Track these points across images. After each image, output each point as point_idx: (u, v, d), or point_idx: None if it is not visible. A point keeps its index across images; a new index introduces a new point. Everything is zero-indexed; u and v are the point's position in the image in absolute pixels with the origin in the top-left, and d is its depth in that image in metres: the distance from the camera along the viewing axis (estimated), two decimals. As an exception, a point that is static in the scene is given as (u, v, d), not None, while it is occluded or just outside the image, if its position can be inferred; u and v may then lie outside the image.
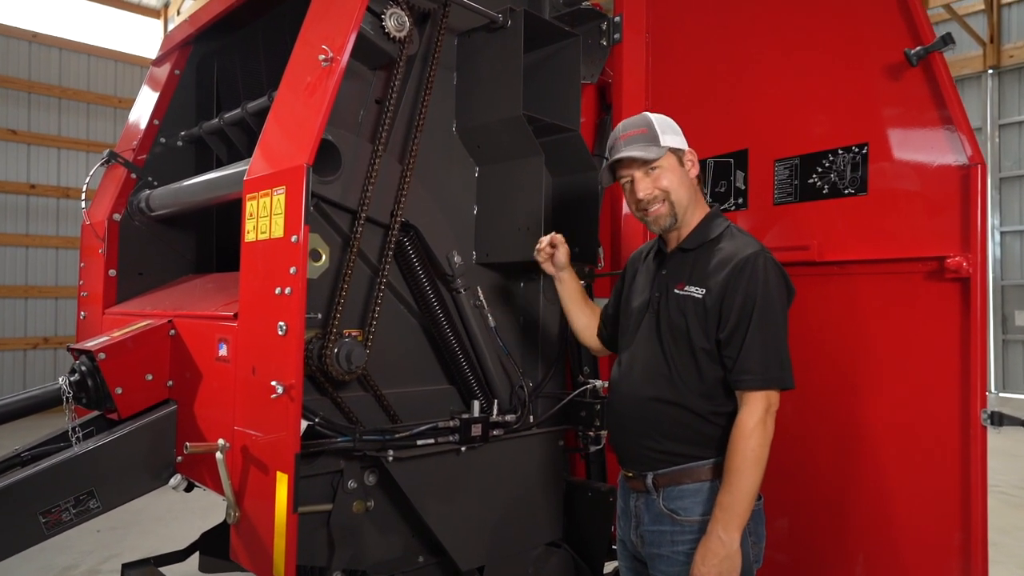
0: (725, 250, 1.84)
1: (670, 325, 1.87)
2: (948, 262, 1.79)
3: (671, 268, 1.94)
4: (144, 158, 2.97)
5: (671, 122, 1.95)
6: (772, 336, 1.75)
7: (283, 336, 1.76)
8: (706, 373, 1.82)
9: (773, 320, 1.75)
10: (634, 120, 1.96)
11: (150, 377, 2.25)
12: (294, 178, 1.77)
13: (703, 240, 1.90)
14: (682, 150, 1.93)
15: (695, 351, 1.82)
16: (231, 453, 1.93)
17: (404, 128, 2.26)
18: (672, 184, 1.89)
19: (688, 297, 1.84)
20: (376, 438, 2.04)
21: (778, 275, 1.80)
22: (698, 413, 1.82)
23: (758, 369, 1.73)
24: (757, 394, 1.73)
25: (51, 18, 9.84)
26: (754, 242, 1.85)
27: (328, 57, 1.84)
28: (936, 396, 1.89)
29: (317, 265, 1.86)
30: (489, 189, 2.52)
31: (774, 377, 1.74)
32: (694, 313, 1.82)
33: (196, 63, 3.12)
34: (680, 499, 1.83)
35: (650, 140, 1.89)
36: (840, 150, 2.08)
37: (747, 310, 1.75)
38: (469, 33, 2.46)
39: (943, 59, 1.82)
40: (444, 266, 2.33)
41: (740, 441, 1.72)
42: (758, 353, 1.73)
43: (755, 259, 1.78)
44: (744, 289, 1.76)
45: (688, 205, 1.91)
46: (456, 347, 2.35)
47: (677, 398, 1.83)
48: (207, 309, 2.20)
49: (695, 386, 1.82)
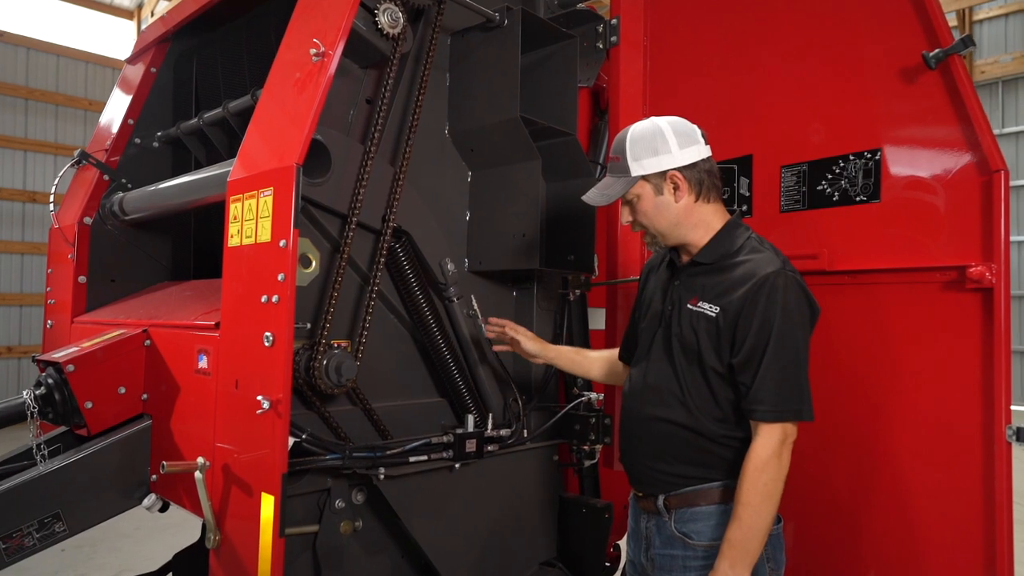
0: (744, 266, 1.71)
1: (682, 342, 1.77)
2: (970, 271, 1.73)
3: (684, 281, 1.83)
4: (117, 159, 2.83)
5: (648, 140, 1.76)
6: (790, 364, 1.63)
7: (270, 348, 1.65)
8: (719, 395, 1.72)
9: (792, 346, 1.64)
10: (617, 140, 1.83)
11: (123, 390, 2.11)
12: (283, 179, 1.66)
13: (721, 254, 1.77)
14: (661, 174, 1.76)
15: (707, 371, 1.72)
16: (211, 472, 1.80)
17: (396, 129, 2.17)
18: (646, 216, 1.79)
19: (701, 314, 1.73)
20: (367, 455, 1.93)
21: (800, 296, 1.67)
22: (710, 437, 1.72)
23: (773, 400, 1.62)
24: (773, 425, 1.63)
25: (18, 16, 9.56)
26: (776, 257, 1.71)
27: (320, 51, 1.74)
28: (956, 411, 1.82)
29: (307, 272, 1.75)
30: (483, 195, 2.43)
31: (791, 409, 1.63)
32: (706, 332, 1.71)
33: (174, 61, 2.99)
34: (693, 522, 1.74)
35: (621, 170, 1.78)
36: (851, 156, 2.01)
37: (764, 335, 1.63)
38: (463, 33, 2.38)
39: (962, 62, 1.77)
40: (437, 274, 2.23)
41: (753, 474, 1.62)
42: (774, 382, 1.62)
43: (775, 279, 1.65)
44: (762, 312, 1.64)
45: (672, 231, 1.79)
46: (449, 359, 2.25)
47: (689, 421, 1.74)
48: (186, 318, 2.07)
49: (708, 408, 1.72)
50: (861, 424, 2.05)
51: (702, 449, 1.73)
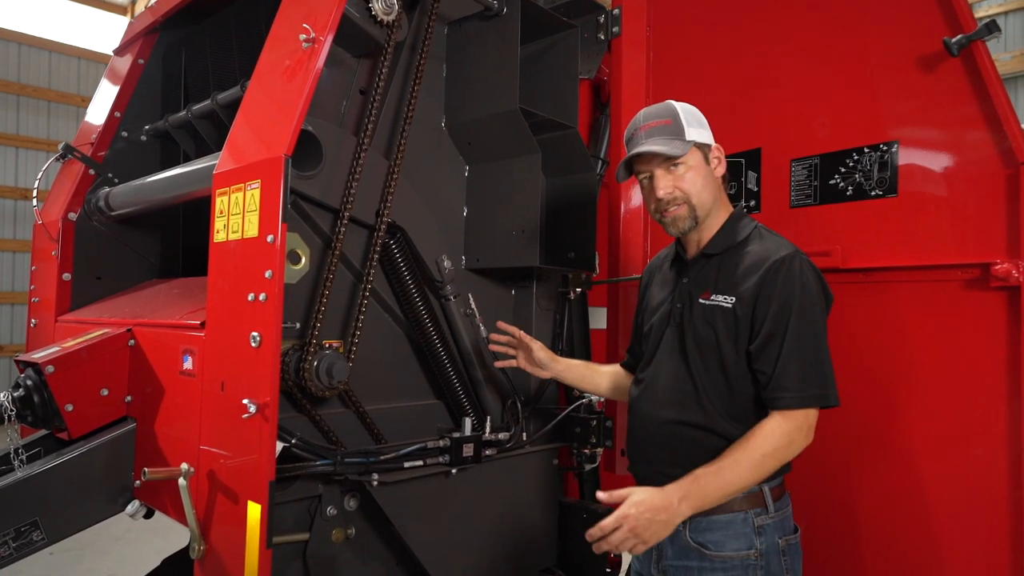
0: (755, 253, 1.66)
1: (696, 339, 1.69)
2: (995, 269, 1.64)
3: (694, 276, 1.76)
4: (104, 153, 2.75)
5: (698, 113, 1.76)
6: (812, 347, 1.57)
7: (257, 348, 1.56)
8: (737, 391, 1.64)
9: (812, 329, 1.57)
10: (657, 109, 1.75)
11: (105, 392, 2.02)
12: (271, 171, 1.58)
13: (729, 244, 1.72)
14: (708, 146, 1.74)
15: (726, 366, 1.64)
16: (196, 479, 1.72)
17: (391, 121, 2.09)
18: (695, 185, 1.70)
19: (716, 307, 1.66)
20: (360, 460, 1.85)
21: (816, 279, 1.63)
22: (727, 438, 1.63)
23: (797, 385, 1.55)
24: (795, 411, 1.56)
25: (10, 11, 9.44)
26: (787, 243, 1.67)
27: (310, 37, 1.65)
28: (979, 418, 1.74)
29: (296, 268, 1.67)
30: (480, 190, 2.35)
31: (815, 394, 1.56)
32: (724, 325, 1.64)
33: (162, 52, 2.90)
34: (710, 531, 1.64)
35: (674, 133, 1.69)
36: (866, 148, 1.93)
37: (783, 318, 1.57)
38: (461, 22, 2.30)
39: (986, 49, 1.69)
40: (433, 271, 2.15)
41: (758, 438, 1.55)
42: (796, 366, 1.55)
43: (790, 261, 1.60)
44: (779, 295, 1.58)
45: (711, 207, 1.73)
46: (445, 359, 2.17)
47: (705, 421, 1.65)
48: (171, 317, 1.99)
49: (725, 407, 1.65)
50: (876, 429, 1.96)
51: (718, 452, 1.63)
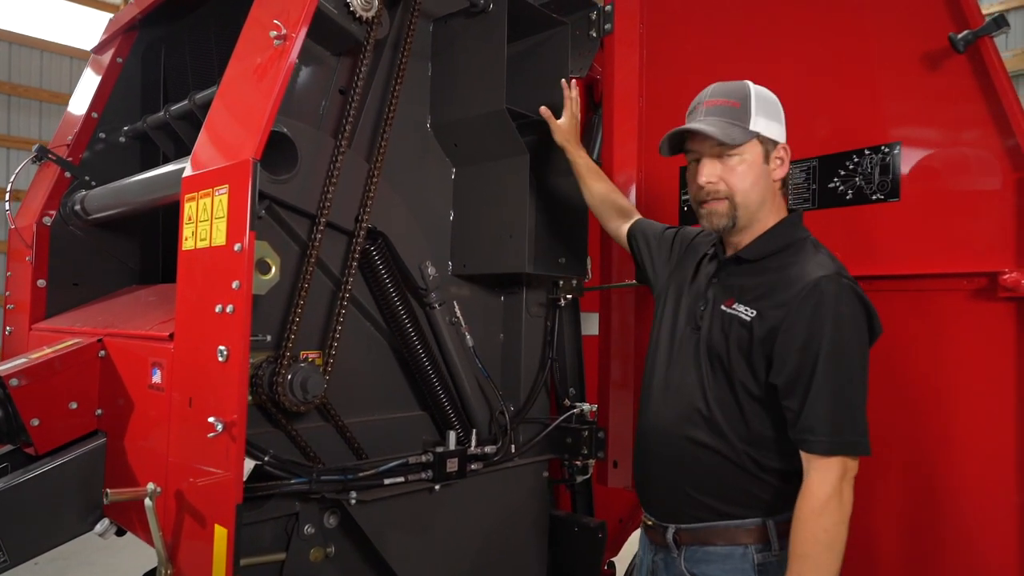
0: (791, 268, 1.49)
1: (709, 346, 1.55)
2: (1003, 279, 1.55)
3: (723, 278, 1.61)
4: (81, 155, 2.66)
5: (775, 102, 1.58)
6: (845, 388, 1.39)
7: (224, 363, 1.48)
8: (750, 417, 1.50)
9: (847, 366, 1.40)
10: (728, 87, 1.57)
11: (74, 406, 1.94)
12: (238, 176, 1.49)
13: (768, 251, 1.56)
14: (774, 142, 1.57)
15: (735, 386, 1.50)
16: (163, 498, 1.63)
17: (372, 122, 2.00)
18: (744, 181, 1.52)
19: (734, 317, 1.51)
20: (337, 478, 1.77)
21: (857, 307, 1.43)
22: (740, 465, 1.51)
23: (827, 430, 1.38)
24: (829, 459, 1.39)
25: (1, 11, 9.34)
26: (831, 262, 1.48)
27: (281, 34, 1.57)
28: (985, 432, 1.65)
29: (265, 279, 1.59)
30: (467, 193, 2.27)
31: (846, 442, 1.39)
32: (737, 340, 1.49)
33: (141, 51, 2.82)
34: (706, 563, 1.54)
35: (738, 118, 1.52)
36: (867, 150, 1.84)
37: (811, 352, 1.39)
38: (446, 18, 2.21)
39: (994, 45, 1.60)
40: (416, 278, 2.07)
41: (810, 518, 1.37)
42: (826, 409, 1.38)
43: (825, 285, 1.41)
44: (808, 324, 1.40)
45: (756, 210, 1.56)
46: (430, 370, 2.09)
47: (711, 441, 1.52)
48: (141, 327, 1.90)
49: (738, 430, 1.51)
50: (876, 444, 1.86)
51: (728, 478, 1.52)
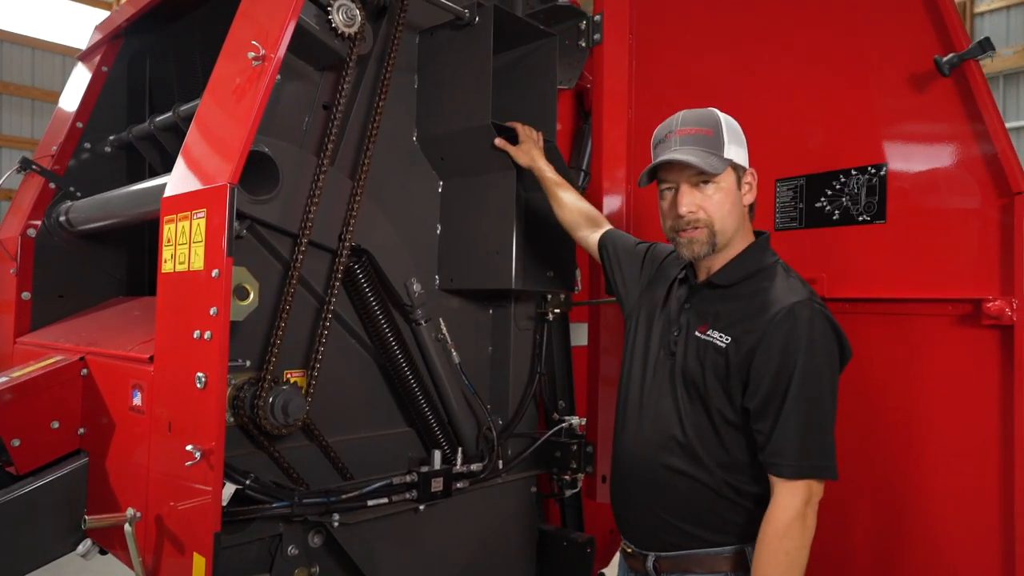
0: (763, 293, 1.50)
1: (685, 373, 1.55)
2: (988, 306, 1.53)
3: (696, 304, 1.61)
4: (66, 166, 2.64)
5: (739, 130, 1.59)
6: (814, 412, 1.41)
7: (202, 390, 1.46)
8: (728, 443, 1.50)
9: (816, 391, 1.42)
10: (698, 115, 1.57)
11: (56, 425, 1.92)
12: (216, 200, 1.47)
13: (739, 277, 1.56)
14: (744, 168, 1.59)
15: (711, 413, 1.50)
16: (144, 524, 1.62)
17: (356, 138, 1.98)
18: (722, 209, 1.53)
19: (709, 344, 1.51)
20: (319, 500, 1.75)
21: (829, 332, 1.46)
22: (715, 489, 1.51)
23: (794, 454, 1.40)
24: (795, 483, 1.41)
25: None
26: (802, 287, 1.51)
27: (260, 55, 1.54)
28: (968, 463, 1.62)
29: (243, 305, 1.57)
30: (454, 206, 2.25)
31: (814, 465, 1.41)
32: (712, 366, 1.50)
33: (127, 59, 2.79)
34: None
35: (713, 145, 1.52)
36: (854, 170, 1.81)
37: (784, 376, 1.41)
38: (432, 31, 2.19)
39: (979, 68, 1.58)
40: (402, 295, 2.05)
41: (773, 540, 1.40)
42: (795, 433, 1.40)
43: (799, 310, 1.43)
44: (782, 349, 1.42)
45: (732, 236, 1.57)
46: (415, 387, 2.07)
47: (689, 468, 1.52)
48: (122, 347, 1.88)
49: (716, 456, 1.51)
50: (858, 470, 1.83)
51: (705, 505, 1.51)
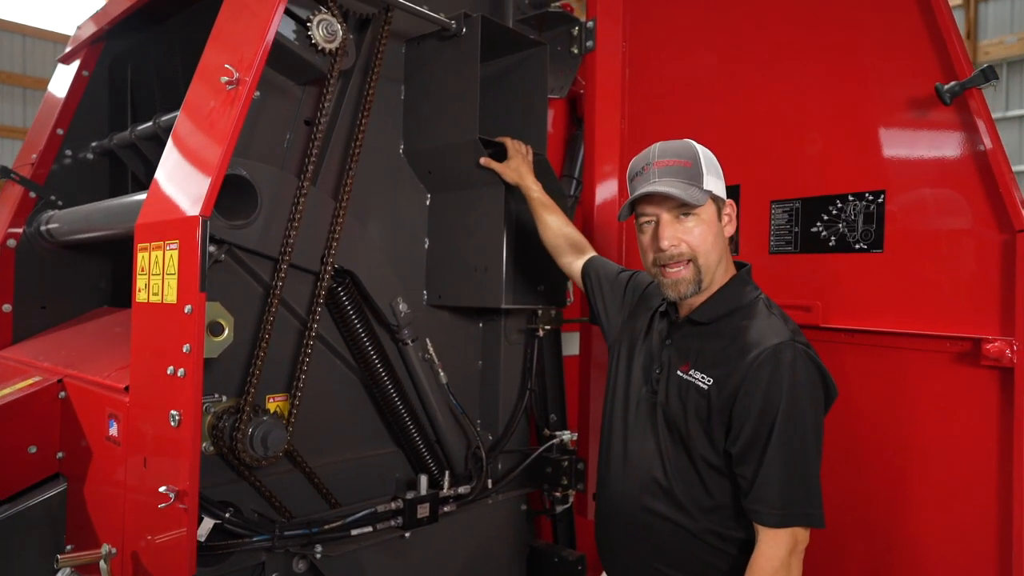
0: (745, 332, 1.45)
1: (667, 414, 1.51)
2: (988, 347, 1.47)
3: (678, 340, 1.55)
4: (46, 174, 2.58)
5: (716, 161, 1.54)
6: (798, 458, 1.37)
7: (176, 428, 1.42)
8: (711, 487, 1.46)
9: (801, 436, 1.37)
10: (676, 146, 1.52)
11: (33, 450, 1.89)
12: (187, 232, 1.42)
13: (721, 313, 1.51)
14: (723, 200, 1.54)
15: (694, 458, 1.46)
16: (120, 560, 1.58)
17: (339, 156, 1.92)
18: (705, 242, 1.48)
19: (692, 385, 1.47)
20: (301, 532, 1.72)
21: (813, 373, 1.41)
22: (700, 537, 1.47)
23: (778, 501, 1.36)
24: (780, 531, 1.37)
25: (-16, -5, 9.15)
26: (784, 326, 1.45)
27: (233, 79, 1.48)
28: (964, 507, 1.58)
29: (217, 341, 1.52)
30: (442, 221, 2.19)
31: (799, 513, 1.36)
32: (695, 410, 1.45)
33: (108, 63, 2.72)
34: None
35: (692, 178, 1.47)
36: (851, 196, 1.75)
37: (766, 421, 1.37)
38: (419, 40, 2.11)
39: (982, 97, 1.51)
40: (388, 315, 2.00)
41: None
42: (779, 480, 1.36)
43: (781, 351, 1.38)
44: (764, 392, 1.37)
45: (717, 267, 1.51)
46: (402, 409, 2.03)
47: (674, 515, 1.48)
48: (99, 371, 1.84)
49: (699, 501, 1.47)
50: (852, 511, 1.79)
51: (687, 549, 1.47)
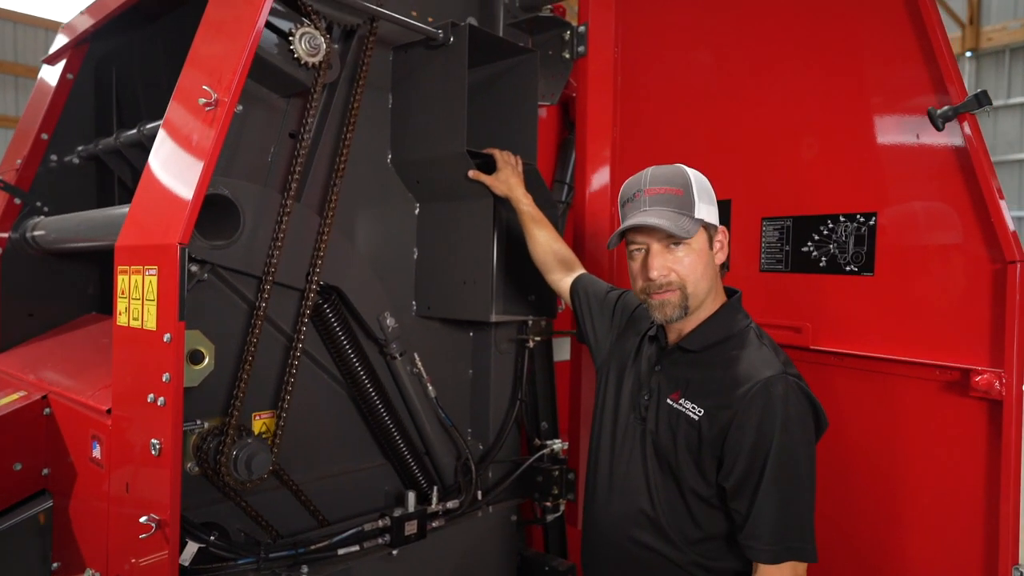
0: (737, 364, 1.43)
1: (656, 444, 1.49)
2: (977, 379, 1.45)
3: (667, 367, 1.53)
4: (31, 179, 2.55)
5: (709, 186, 1.51)
6: (791, 494, 1.35)
7: (157, 457, 1.41)
8: (699, 518, 1.44)
9: (794, 470, 1.36)
10: (667, 173, 1.48)
11: (18, 467, 1.87)
12: (166, 259, 1.39)
13: (712, 341, 1.48)
14: (715, 227, 1.50)
15: (683, 489, 1.44)
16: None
17: (324, 170, 1.88)
18: (694, 272, 1.45)
19: (682, 415, 1.45)
20: (287, 553, 1.71)
21: (804, 406, 1.39)
22: (685, 569, 1.45)
23: (772, 537, 1.34)
24: (776, 567, 1.35)
25: (-25, -20, 9.02)
26: (776, 357, 1.43)
27: (211, 100, 1.45)
28: (951, 540, 1.55)
29: (198, 369, 1.50)
30: (431, 231, 2.16)
31: (793, 548, 1.34)
32: (685, 441, 1.43)
33: (93, 66, 2.67)
34: None
35: (683, 206, 1.44)
36: (842, 217, 1.72)
37: (759, 456, 1.35)
38: (406, 48, 2.08)
39: (975, 122, 1.47)
40: (375, 330, 1.98)
41: None
42: (772, 515, 1.34)
43: (773, 385, 1.36)
44: (756, 426, 1.35)
45: (705, 298, 1.49)
46: (390, 423, 2.02)
47: (660, 546, 1.47)
48: (83, 391, 1.82)
49: (685, 533, 1.45)
50: (836, 537, 1.76)
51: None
